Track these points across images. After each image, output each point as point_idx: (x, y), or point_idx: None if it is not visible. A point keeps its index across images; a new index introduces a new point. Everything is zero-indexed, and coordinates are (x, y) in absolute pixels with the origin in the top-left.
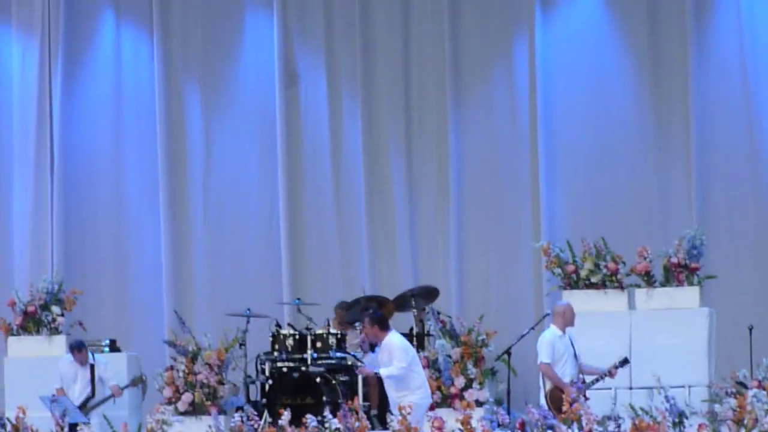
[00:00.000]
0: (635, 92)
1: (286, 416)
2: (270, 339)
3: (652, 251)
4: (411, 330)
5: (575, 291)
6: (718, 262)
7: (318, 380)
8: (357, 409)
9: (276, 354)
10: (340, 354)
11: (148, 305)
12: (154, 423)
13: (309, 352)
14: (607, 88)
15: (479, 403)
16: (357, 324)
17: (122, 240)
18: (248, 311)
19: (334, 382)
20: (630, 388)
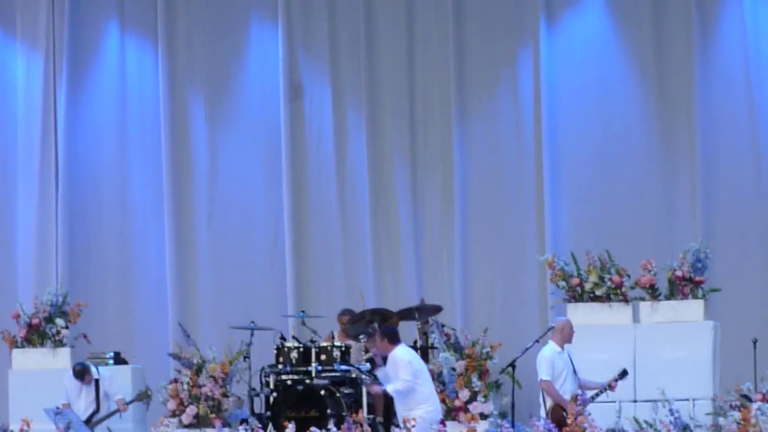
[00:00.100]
0: (640, 105)
1: (291, 429)
2: (274, 352)
3: (657, 264)
4: (415, 343)
5: (580, 304)
6: (723, 276)
7: (322, 393)
8: (361, 422)
9: (280, 367)
10: (345, 367)
11: (153, 317)
12: None
13: (313, 365)
14: (612, 101)
15: (483, 416)
16: (361, 337)
17: (127, 252)
18: (252, 324)
19: (339, 395)
20: (634, 401)
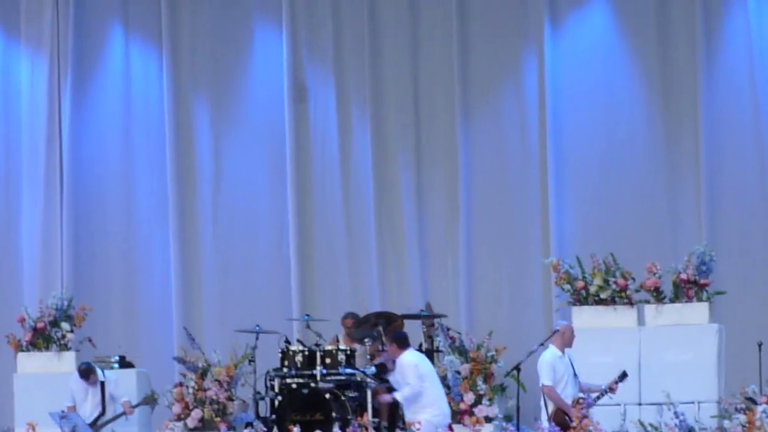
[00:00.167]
0: (644, 108)
1: None
2: (279, 355)
3: (662, 267)
4: (420, 346)
5: (584, 307)
6: (728, 278)
7: (327, 396)
8: (366, 425)
9: (285, 370)
10: (350, 370)
11: (158, 321)
12: None
13: (318, 369)
14: (617, 104)
15: (488, 420)
16: (366, 340)
17: (131, 256)
18: (257, 327)
19: (344, 398)
20: (639, 404)
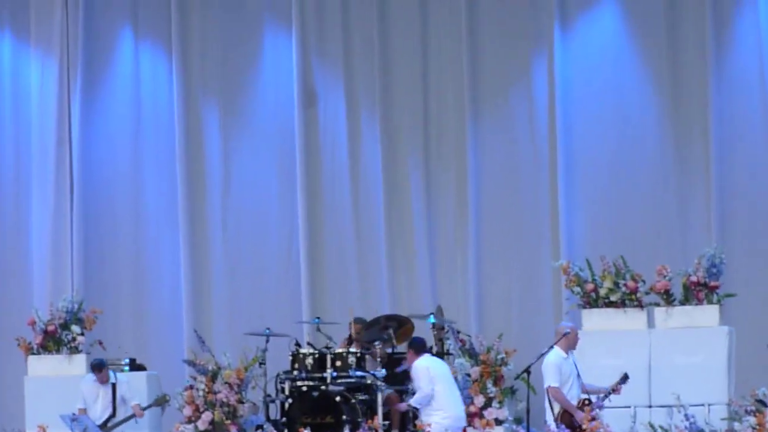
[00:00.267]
0: (654, 110)
1: None
2: (289, 358)
3: (672, 270)
4: (431, 349)
5: (594, 309)
6: (738, 281)
7: (338, 399)
8: (377, 428)
9: (296, 373)
10: (360, 373)
11: (168, 324)
12: None
13: (329, 371)
14: (627, 106)
15: (499, 422)
16: (377, 343)
17: (141, 259)
18: (268, 330)
19: (354, 401)
20: (649, 407)
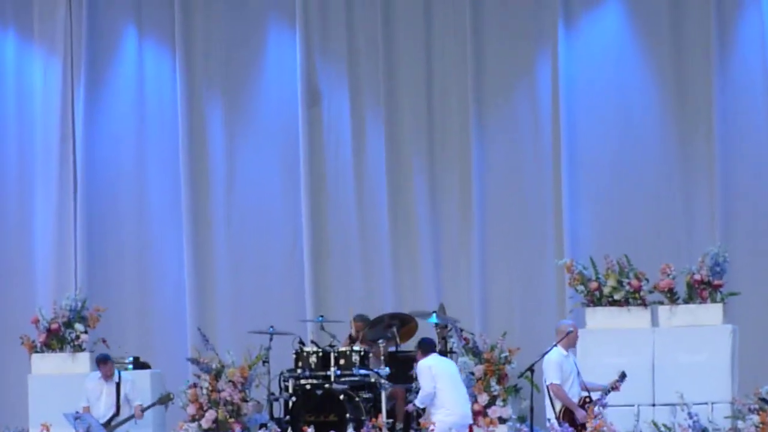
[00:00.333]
0: (658, 109)
1: None
2: (293, 356)
3: (676, 268)
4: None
5: (598, 308)
6: (741, 279)
7: (341, 397)
8: (380, 426)
9: (299, 371)
10: (364, 371)
11: (171, 322)
12: None
13: (332, 370)
14: (630, 105)
15: (502, 420)
16: (380, 341)
17: (145, 257)
18: (271, 328)
19: (358, 399)
20: (653, 405)
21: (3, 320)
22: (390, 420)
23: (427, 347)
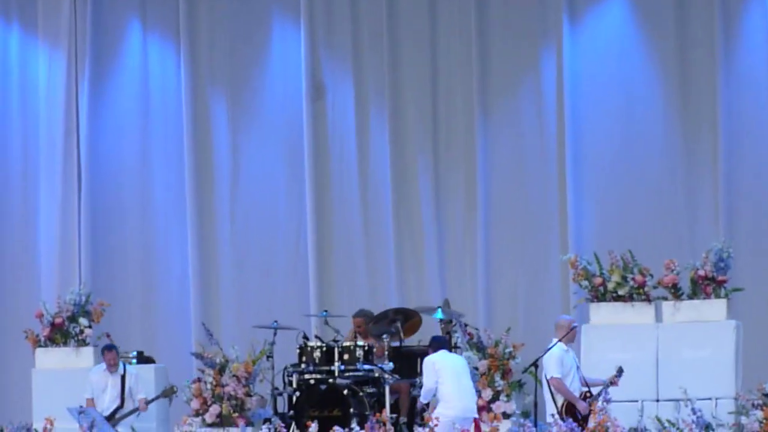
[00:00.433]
0: (663, 105)
1: (314, 428)
2: (297, 351)
3: (680, 264)
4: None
5: (602, 304)
6: (745, 275)
7: (345, 392)
8: (384, 421)
9: (303, 366)
10: (368, 366)
11: (176, 317)
12: None
13: (336, 364)
14: (635, 101)
15: (506, 416)
16: (384, 336)
17: (149, 251)
18: (275, 323)
19: (362, 394)
20: (657, 401)
21: (7, 315)
22: (394, 414)
23: (437, 344)
